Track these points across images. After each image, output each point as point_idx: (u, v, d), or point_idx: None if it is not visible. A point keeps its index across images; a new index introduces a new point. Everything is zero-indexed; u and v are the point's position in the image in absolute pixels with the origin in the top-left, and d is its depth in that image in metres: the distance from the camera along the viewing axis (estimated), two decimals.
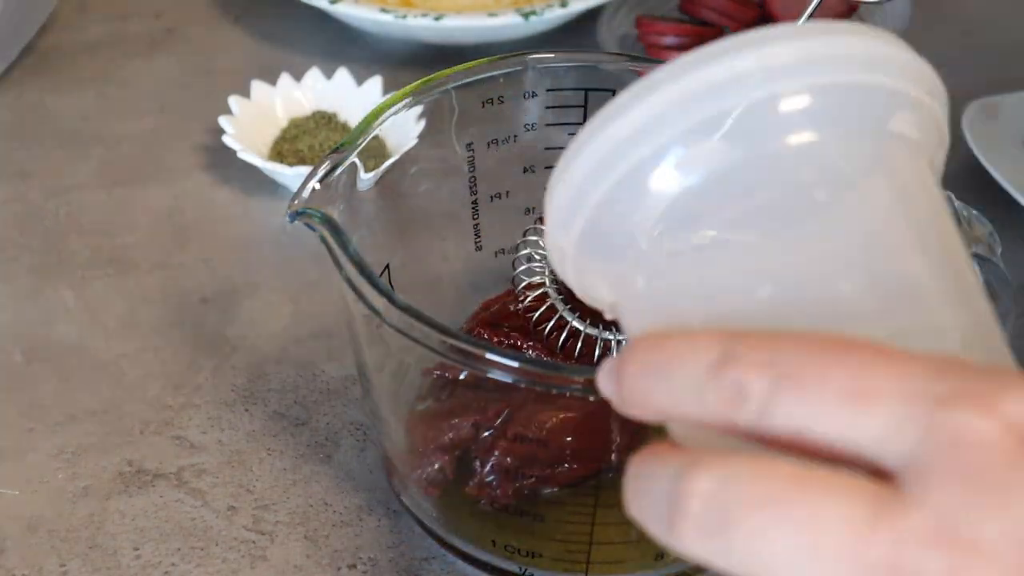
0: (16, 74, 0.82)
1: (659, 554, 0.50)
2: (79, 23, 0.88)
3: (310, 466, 0.57)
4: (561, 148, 0.57)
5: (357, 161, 0.51)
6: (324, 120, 0.75)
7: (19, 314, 0.65)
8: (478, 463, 0.51)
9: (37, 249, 0.69)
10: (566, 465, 0.50)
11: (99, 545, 0.53)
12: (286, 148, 0.73)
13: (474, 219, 0.60)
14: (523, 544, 0.51)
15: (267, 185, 0.73)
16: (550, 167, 0.53)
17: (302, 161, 0.72)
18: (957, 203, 0.49)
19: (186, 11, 0.90)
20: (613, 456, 0.50)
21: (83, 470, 0.57)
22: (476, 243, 0.60)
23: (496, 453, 0.50)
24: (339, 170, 0.50)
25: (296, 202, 0.48)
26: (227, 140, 0.72)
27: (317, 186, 0.49)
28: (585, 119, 0.57)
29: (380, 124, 0.53)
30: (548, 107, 0.57)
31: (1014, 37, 0.90)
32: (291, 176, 0.71)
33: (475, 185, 0.59)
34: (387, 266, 0.55)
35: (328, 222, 0.48)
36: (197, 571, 0.52)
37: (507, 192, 0.60)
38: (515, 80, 0.58)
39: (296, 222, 0.49)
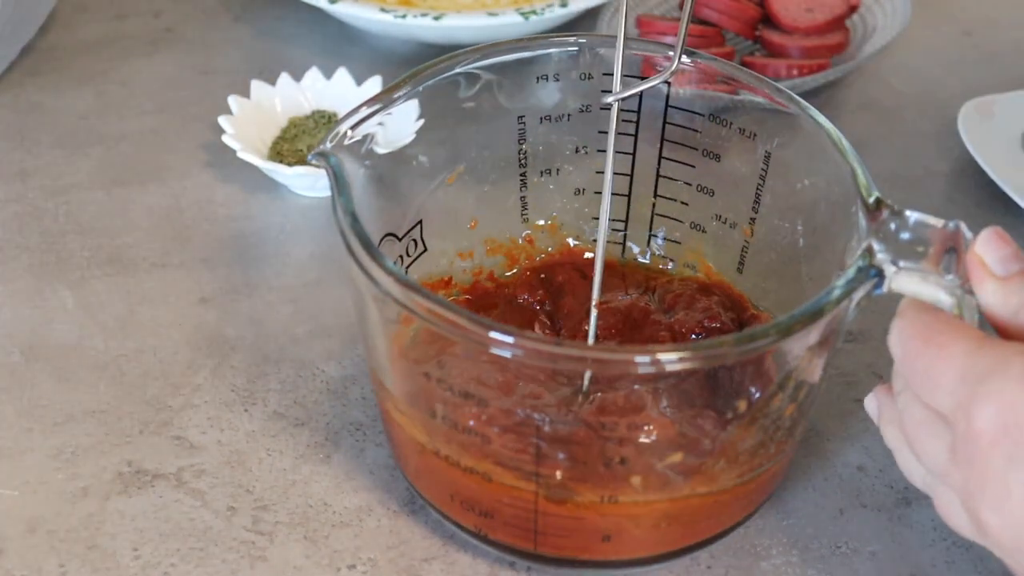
0: (16, 74, 0.82)
1: (606, 536, 0.51)
2: (78, 23, 0.88)
3: (310, 466, 0.57)
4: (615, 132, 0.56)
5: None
6: (324, 120, 0.75)
7: (18, 314, 0.64)
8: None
9: (36, 249, 0.69)
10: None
11: (98, 546, 0.53)
12: (286, 148, 0.73)
13: (521, 192, 0.60)
14: (476, 504, 0.51)
15: (266, 185, 0.73)
16: (602, 150, 0.53)
17: (301, 161, 0.72)
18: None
19: (186, 11, 0.90)
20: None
21: (82, 470, 0.57)
22: (522, 215, 0.61)
23: None
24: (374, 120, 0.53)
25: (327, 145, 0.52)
26: (227, 140, 0.72)
27: (350, 132, 0.52)
28: (641, 107, 0.57)
29: (426, 81, 0.55)
30: (603, 90, 0.56)
31: (1014, 37, 0.90)
32: (290, 176, 0.71)
33: (524, 158, 0.59)
34: (419, 222, 0.57)
35: (335, 170, 0.51)
36: (196, 572, 0.52)
37: (557, 169, 0.60)
38: (571, 60, 0.58)
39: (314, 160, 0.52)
